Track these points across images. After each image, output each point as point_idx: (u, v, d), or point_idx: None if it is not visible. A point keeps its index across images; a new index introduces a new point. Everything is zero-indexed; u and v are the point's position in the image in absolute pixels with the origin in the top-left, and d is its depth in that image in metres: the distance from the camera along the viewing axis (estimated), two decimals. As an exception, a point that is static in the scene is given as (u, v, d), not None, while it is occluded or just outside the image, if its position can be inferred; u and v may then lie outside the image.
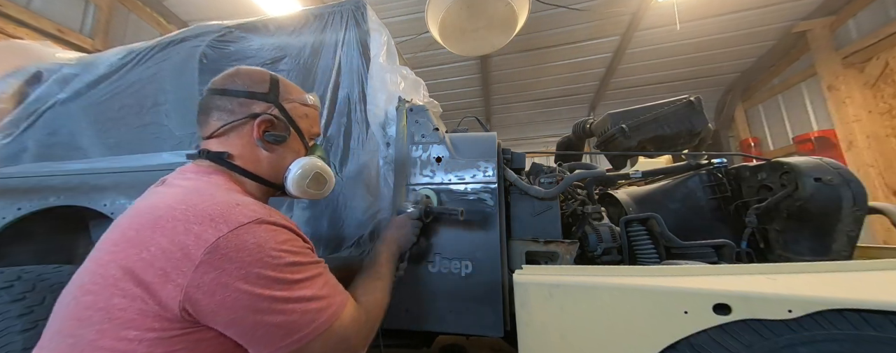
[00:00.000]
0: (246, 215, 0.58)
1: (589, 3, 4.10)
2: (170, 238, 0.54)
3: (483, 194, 1.17)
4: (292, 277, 0.58)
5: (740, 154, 3.53)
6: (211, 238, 0.53)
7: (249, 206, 0.61)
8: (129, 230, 0.57)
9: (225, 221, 0.56)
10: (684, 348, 0.71)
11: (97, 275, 0.55)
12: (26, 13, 3.03)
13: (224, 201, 0.60)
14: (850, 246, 1.09)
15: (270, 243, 0.58)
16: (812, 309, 0.65)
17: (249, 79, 0.76)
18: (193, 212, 0.57)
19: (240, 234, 0.56)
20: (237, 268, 0.53)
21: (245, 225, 0.57)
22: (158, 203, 0.60)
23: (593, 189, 1.39)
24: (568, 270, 0.91)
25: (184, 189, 0.64)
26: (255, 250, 0.55)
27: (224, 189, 0.67)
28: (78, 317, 0.53)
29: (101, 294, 0.53)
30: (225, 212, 0.57)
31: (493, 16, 2.89)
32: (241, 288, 0.53)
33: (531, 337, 0.80)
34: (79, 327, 0.52)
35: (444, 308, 1.08)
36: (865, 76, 3.90)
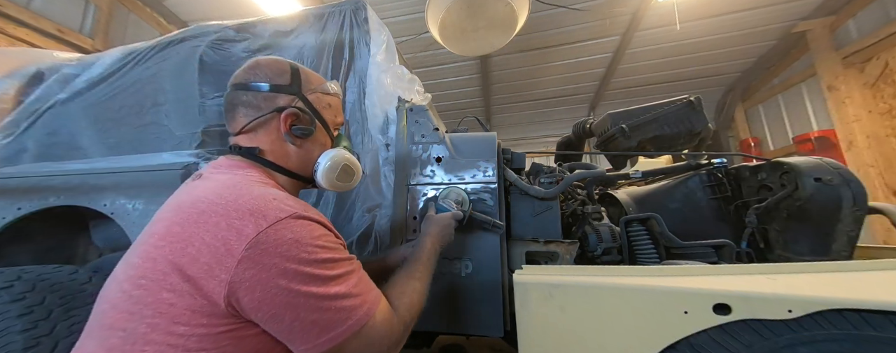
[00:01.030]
0: (283, 210, 0.58)
1: (589, 3, 4.09)
2: (213, 233, 0.55)
3: (483, 194, 1.17)
4: (327, 273, 0.58)
5: (740, 154, 3.53)
6: (251, 234, 0.54)
7: (285, 200, 0.61)
8: (173, 226, 0.58)
9: (264, 216, 0.56)
10: (684, 348, 0.71)
11: (146, 269, 0.55)
12: (26, 13, 3.03)
13: (261, 196, 0.60)
14: (850, 246, 1.09)
15: (306, 238, 0.58)
16: (812, 309, 0.65)
17: (270, 71, 0.75)
18: (234, 206, 0.57)
19: (278, 229, 0.56)
20: (276, 264, 0.54)
21: (282, 220, 0.57)
22: (201, 197, 0.60)
23: (593, 189, 1.39)
24: (568, 270, 0.91)
25: (222, 184, 0.64)
26: (293, 245, 0.56)
27: (259, 183, 0.67)
28: (129, 311, 0.54)
29: (150, 288, 0.54)
30: (263, 206, 0.58)
31: (493, 16, 2.89)
32: (280, 284, 0.54)
33: (531, 337, 0.80)
34: (129, 321, 0.53)
35: (444, 308, 1.08)
36: (865, 76, 3.90)
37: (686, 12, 4.16)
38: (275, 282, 0.53)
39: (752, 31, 4.63)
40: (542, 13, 4.13)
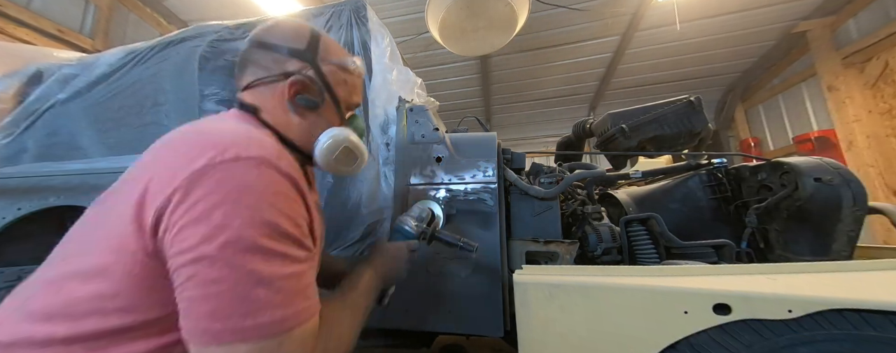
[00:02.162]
0: (252, 149, 0.50)
1: (589, 3, 4.09)
2: (169, 160, 0.49)
3: (483, 194, 1.16)
4: (270, 245, 0.47)
5: (740, 154, 3.53)
6: (198, 164, 0.47)
7: (265, 143, 0.53)
8: (147, 155, 0.55)
9: (225, 149, 0.48)
10: (684, 348, 0.71)
11: (114, 192, 0.55)
12: (26, 13, 3.03)
13: (237, 131, 0.54)
14: (850, 246, 1.09)
15: (265, 191, 0.48)
16: (812, 309, 0.65)
17: (288, 32, 0.70)
18: (202, 137, 0.52)
19: (233, 167, 0.47)
20: (212, 206, 0.45)
21: (244, 159, 0.48)
22: (179, 130, 0.56)
23: (593, 189, 1.39)
24: (568, 270, 0.91)
25: (206, 120, 0.61)
26: (242, 191, 0.46)
27: (253, 128, 0.59)
28: (89, 222, 0.55)
29: (113, 208, 0.51)
30: (230, 140, 0.50)
31: (493, 16, 2.89)
32: (201, 232, 0.44)
33: (531, 337, 0.80)
34: (90, 230, 0.53)
35: (444, 308, 1.08)
36: (865, 76, 3.90)
37: (686, 12, 4.16)
38: (197, 229, 0.44)
39: (752, 31, 4.63)
40: (542, 13, 4.13)
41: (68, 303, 0.47)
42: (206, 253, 0.44)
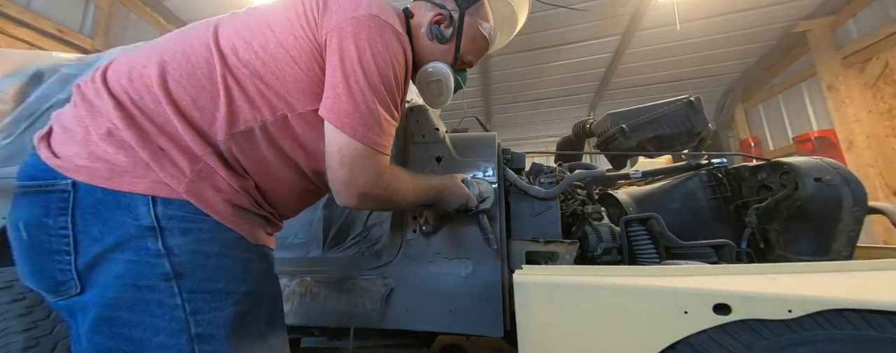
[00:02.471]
0: (381, 11, 0.70)
1: (589, 3, 4.10)
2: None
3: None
4: (377, 84, 0.67)
5: (740, 154, 3.53)
6: (350, 10, 0.68)
7: (389, 9, 0.73)
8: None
9: (369, 6, 0.69)
10: (684, 348, 0.71)
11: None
12: (26, 13, 3.03)
13: (381, 2, 0.73)
14: (850, 246, 1.09)
15: (380, 42, 0.67)
16: (812, 309, 0.65)
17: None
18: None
19: (368, 18, 0.67)
20: (349, 24, 0.65)
21: (375, 15, 0.68)
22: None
23: (593, 189, 1.39)
24: (568, 270, 0.91)
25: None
26: (369, 38, 0.66)
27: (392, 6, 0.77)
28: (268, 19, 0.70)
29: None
30: (373, 4, 0.70)
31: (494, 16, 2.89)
32: (349, 32, 0.65)
33: (531, 337, 0.80)
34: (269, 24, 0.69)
35: (444, 308, 1.08)
36: (865, 76, 3.90)
37: (686, 12, 4.16)
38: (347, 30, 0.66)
39: (752, 31, 4.64)
40: (542, 13, 4.13)
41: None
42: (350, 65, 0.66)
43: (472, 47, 0.91)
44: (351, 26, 0.66)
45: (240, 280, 0.62)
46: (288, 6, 0.71)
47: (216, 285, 0.59)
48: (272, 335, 0.69)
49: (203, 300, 0.57)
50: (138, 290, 0.55)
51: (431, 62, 0.87)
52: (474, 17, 0.88)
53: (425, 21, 0.85)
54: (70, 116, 0.60)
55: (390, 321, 1.10)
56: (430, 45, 0.86)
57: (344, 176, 0.67)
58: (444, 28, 0.85)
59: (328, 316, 1.14)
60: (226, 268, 0.60)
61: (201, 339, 0.57)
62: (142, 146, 0.57)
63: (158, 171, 0.57)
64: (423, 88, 0.90)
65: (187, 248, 0.57)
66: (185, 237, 0.57)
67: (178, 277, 0.56)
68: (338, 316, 1.14)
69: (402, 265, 1.14)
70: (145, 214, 0.56)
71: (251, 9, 0.73)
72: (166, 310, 0.55)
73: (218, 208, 0.60)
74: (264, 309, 0.67)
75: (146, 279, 0.55)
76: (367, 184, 0.69)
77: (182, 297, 0.56)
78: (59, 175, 0.56)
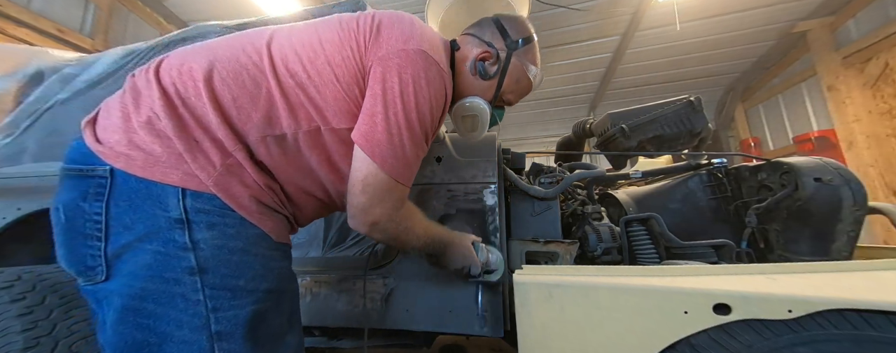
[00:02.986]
0: (434, 57, 0.71)
1: (589, 3, 4.10)
2: (388, 33, 0.71)
3: (483, 194, 1.16)
4: (415, 118, 0.68)
5: (740, 154, 3.53)
6: (400, 41, 0.69)
7: (438, 46, 0.75)
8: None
9: (424, 42, 0.71)
10: (684, 348, 0.71)
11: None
12: (26, 13, 3.03)
13: (432, 37, 0.75)
14: (850, 246, 1.09)
15: (424, 78, 0.68)
16: (812, 309, 0.65)
17: (515, 25, 0.90)
18: (408, 19, 0.75)
19: (416, 53, 0.69)
20: (397, 57, 0.67)
21: (424, 51, 0.69)
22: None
23: (593, 189, 1.39)
24: (568, 270, 0.91)
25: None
26: (414, 74, 0.67)
27: (440, 38, 0.81)
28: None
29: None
30: (429, 40, 0.72)
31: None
32: (394, 67, 0.67)
33: (531, 337, 0.80)
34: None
35: (444, 308, 1.08)
36: (865, 76, 3.90)
37: (686, 12, 4.16)
38: (392, 63, 0.67)
39: (752, 31, 4.63)
40: (542, 13, 4.13)
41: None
42: (389, 88, 0.68)
43: (514, 87, 0.92)
44: (398, 58, 0.67)
45: (261, 278, 0.62)
46: (342, 25, 0.73)
47: (237, 283, 0.59)
48: (291, 333, 0.69)
49: (224, 298, 0.58)
50: (165, 282, 0.56)
51: (470, 97, 0.87)
52: (522, 58, 0.89)
53: (471, 56, 0.87)
54: (116, 102, 0.63)
55: (390, 321, 1.10)
56: (472, 79, 0.87)
57: (363, 203, 0.68)
58: (489, 66, 0.87)
59: (328, 316, 1.14)
60: (248, 265, 0.61)
61: (220, 337, 0.57)
62: (178, 136, 0.58)
63: (191, 162, 0.58)
64: (458, 120, 0.91)
65: (212, 243, 0.58)
66: (211, 232, 0.58)
67: (202, 272, 0.57)
68: (338, 316, 1.14)
69: (402, 265, 1.14)
70: (175, 206, 0.57)
71: (309, 23, 0.77)
72: (190, 305, 0.56)
73: (244, 203, 0.61)
74: (285, 308, 0.68)
75: (172, 272, 0.56)
76: (382, 215, 0.70)
77: (204, 293, 0.57)
78: (99, 161, 0.57)
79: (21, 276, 1.08)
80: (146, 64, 0.69)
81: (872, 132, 3.83)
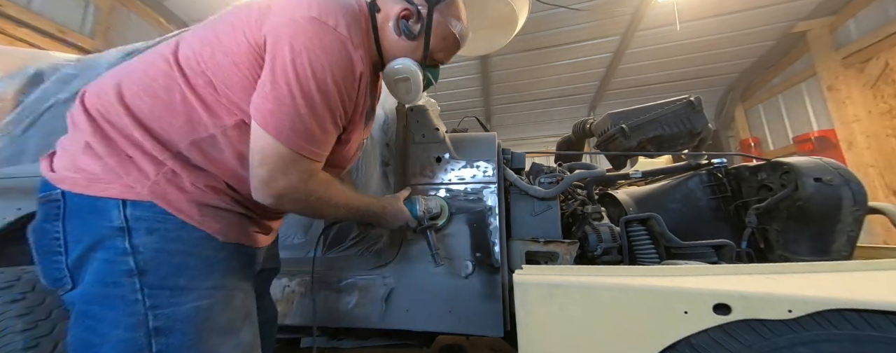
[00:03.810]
0: (322, 12, 0.67)
1: (589, 3, 4.10)
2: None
3: (483, 194, 1.16)
4: (310, 90, 0.65)
5: (740, 154, 3.53)
6: (288, 11, 0.67)
7: (335, 10, 0.69)
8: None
9: (309, 8, 0.67)
10: (684, 348, 0.71)
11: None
12: (26, 13, 3.03)
13: (328, 2, 0.70)
14: (850, 246, 1.09)
15: (318, 46, 0.65)
16: (812, 309, 0.65)
17: None
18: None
19: (306, 20, 0.66)
20: (285, 27, 0.65)
21: (314, 18, 0.66)
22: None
23: (593, 189, 1.39)
24: (568, 270, 0.91)
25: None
26: (305, 42, 0.65)
27: (345, 2, 0.74)
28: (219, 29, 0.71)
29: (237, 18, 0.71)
30: (313, 2, 0.68)
31: (493, 16, 2.89)
32: (285, 34, 0.65)
33: (531, 337, 0.80)
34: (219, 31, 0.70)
35: (444, 308, 1.08)
36: (865, 76, 3.90)
37: (686, 12, 4.16)
38: (281, 30, 0.65)
39: (752, 31, 4.63)
40: (542, 13, 4.13)
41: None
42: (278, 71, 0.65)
43: (441, 45, 0.88)
44: (288, 28, 0.65)
45: (204, 276, 0.65)
46: (235, 13, 0.72)
47: (177, 282, 0.63)
48: (245, 330, 0.71)
49: (163, 296, 0.61)
50: (106, 286, 0.61)
51: (399, 59, 0.84)
52: (444, 14, 0.85)
53: (392, 14, 0.82)
54: (65, 136, 0.70)
55: (390, 321, 1.10)
56: (397, 40, 0.83)
57: (263, 175, 0.67)
58: (412, 24, 0.82)
59: (328, 316, 1.14)
60: (189, 265, 0.64)
61: (159, 332, 0.60)
62: (109, 155, 0.63)
63: (125, 176, 0.62)
64: (391, 84, 0.88)
65: (152, 246, 0.62)
66: (151, 236, 0.62)
67: (142, 274, 0.61)
68: (338, 316, 1.14)
69: (401, 265, 1.14)
70: (116, 216, 0.61)
71: (207, 20, 0.76)
72: (127, 305, 0.60)
73: (182, 207, 0.64)
74: (236, 304, 0.69)
75: (112, 276, 0.60)
76: (287, 187, 0.69)
77: (143, 292, 0.60)
78: (53, 186, 0.64)
79: (21, 276, 1.08)
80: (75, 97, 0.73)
81: (872, 132, 3.83)
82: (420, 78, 0.86)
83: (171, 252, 0.63)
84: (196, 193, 0.66)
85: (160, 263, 0.62)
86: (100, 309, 0.60)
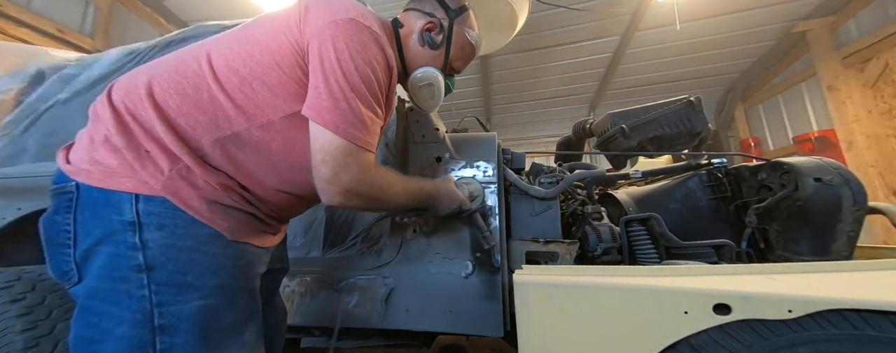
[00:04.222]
0: (359, 15, 0.73)
1: (589, 3, 4.10)
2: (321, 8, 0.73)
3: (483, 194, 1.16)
4: (357, 83, 0.69)
5: (740, 154, 3.53)
6: (329, 14, 0.71)
7: (368, 14, 0.76)
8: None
9: (348, 11, 0.72)
10: (684, 348, 0.71)
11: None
12: (26, 13, 3.03)
13: (359, 4, 0.77)
14: (850, 246, 1.09)
15: (358, 42, 0.70)
16: (812, 309, 0.65)
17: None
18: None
19: (346, 22, 0.70)
20: (328, 29, 0.69)
21: (353, 19, 0.71)
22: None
23: (593, 189, 1.39)
24: (568, 270, 0.91)
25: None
26: (347, 40, 0.69)
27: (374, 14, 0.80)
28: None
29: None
30: (350, 6, 0.74)
31: (493, 16, 2.88)
32: (328, 37, 0.68)
33: (531, 337, 0.80)
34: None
35: (444, 308, 1.08)
36: (865, 76, 3.90)
37: (686, 12, 4.16)
38: (328, 35, 0.68)
39: (752, 31, 4.64)
40: (542, 13, 4.13)
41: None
42: (329, 55, 0.69)
43: (460, 54, 0.96)
44: (330, 30, 0.69)
45: (211, 274, 0.65)
46: (274, 17, 0.76)
47: (184, 279, 0.62)
48: (249, 330, 0.70)
49: (169, 293, 0.61)
50: (113, 281, 0.60)
51: (422, 68, 0.91)
52: (462, 25, 0.93)
53: (416, 28, 0.90)
54: (84, 130, 0.69)
55: (390, 321, 1.10)
56: (420, 51, 0.91)
57: (327, 173, 0.69)
58: (435, 35, 0.90)
59: (328, 316, 1.14)
60: (197, 262, 0.64)
61: (164, 330, 0.60)
62: (128, 148, 0.63)
63: (141, 171, 0.62)
64: (415, 91, 0.94)
65: (161, 242, 0.62)
66: (161, 232, 0.62)
67: (149, 269, 0.60)
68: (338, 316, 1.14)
69: (402, 265, 1.14)
70: (128, 210, 0.61)
71: (243, 24, 0.80)
72: (133, 301, 0.60)
73: (193, 204, 0.64)
74: (241, 304, 0.69)
75: (120, 271, 0.60)
76: (351, 181, 0.70)
77: (150, 288, 0.60)
78: (68, 178, 0.64)
79: (21, 276, 1.08)
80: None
81: (872, 132, 3.83)
82: (443, 84, 0.93)
83: (180, 249, 0.63)
84: (208, 189, 0.66)
85: (169, 259, 0.62)
86: (103, 304, 0.60)
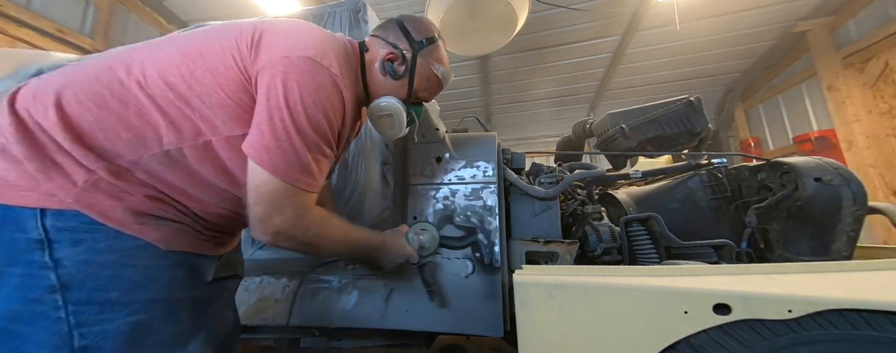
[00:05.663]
0: (317, 52, 0.70)
1: (589, 3, 4.09)
2: (275, 38, 0.71)
3: (483, 194, 1.16)
4: (303, 124, 0.66)
5: (740, 154, 3.52)
6: (283, 49, 0.68)
7: (330, 54, 0.72)
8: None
9: (305, 48, 0.69)
10: (684, 348, 0.71)
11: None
12: (26, 13, 3.02)
13: (321, 38, 0.74)
14: (850, 246, 1.09)
15: (311, 83, 0.67)
16: (812, 309, 0.65)
17: (418, 26, 0.90)
18: (295, 27, 0.74)
19: (301, 60, 0.68)
20: (280, 64, 0.66)
21: (309, 57, 0.68)
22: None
23: (593, 189, 1.39)
24: (568, 270, 0.91)
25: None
26: (299, 79, 0.66)
27: (337, 45, 0.78)
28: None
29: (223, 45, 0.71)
30: (314, 44, 0.71)
31: (493, 16, 2.89)
32: (277, 78, 0.66)
33: (531, 337, 0.80)
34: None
35: (444, 308, 1.08)
36: (865, 76, 3.90)
37: (686, 12, 4.15)
38: (277, 74, 0.66)
39: (752, 31, 4.63)
40: (542, 13, 4.13)
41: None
42: (274, 96, 0.66)
43: (425, 85, 0.92)
44: (282, 66, 0.66)
45: (141, 288, 0.61)
46: (223, 34, 0.71)
47: (108, 296, 0.58)
48: (194, 342, 0.67)
49: (91, 312, 0.57)
50: (28, 303, 0.55)
51: (384, 97, 0.88)
52: (427, 58, 0.90)
53: (378, 57, 0.87)
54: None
55: (390, 321, 1.10)
56: (383, 79, 0.88)
57: (260, 213, 0.66)
58: (397, 66, 0.87)
59: (328, 316, 1.14)
60: (124, 277, 0.59)
61: (86, 352, 0.56)
62: (31, 159, 0.57)
63: (45, 183, 0.57)
64: (375, 120, 0.91)
65: (78, 258, 0.57)
66: (76, 248, 0.57)
67: (65, 288, 0.56)
68: (338, 316, 1.14)
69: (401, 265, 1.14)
70: (33, 227, 0.56)
71: (185, 33, 0.75)
72: (50, 323, 0.55)
73: (115, 216, 0.60)
74: (183, 316, 0.66)
75: (34, 292, 0.55)
76: (284, 223, 0.68)
77: (66, 309, 0.56)
78: None
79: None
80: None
81: (872, 132, 3.83)
82: (404, 115, 0.89)
83: (100, 264, 0.58)
84: (133, 200, 0.61)
85: (88, 276, 0.57)
86: (24, 328, 0.56)
